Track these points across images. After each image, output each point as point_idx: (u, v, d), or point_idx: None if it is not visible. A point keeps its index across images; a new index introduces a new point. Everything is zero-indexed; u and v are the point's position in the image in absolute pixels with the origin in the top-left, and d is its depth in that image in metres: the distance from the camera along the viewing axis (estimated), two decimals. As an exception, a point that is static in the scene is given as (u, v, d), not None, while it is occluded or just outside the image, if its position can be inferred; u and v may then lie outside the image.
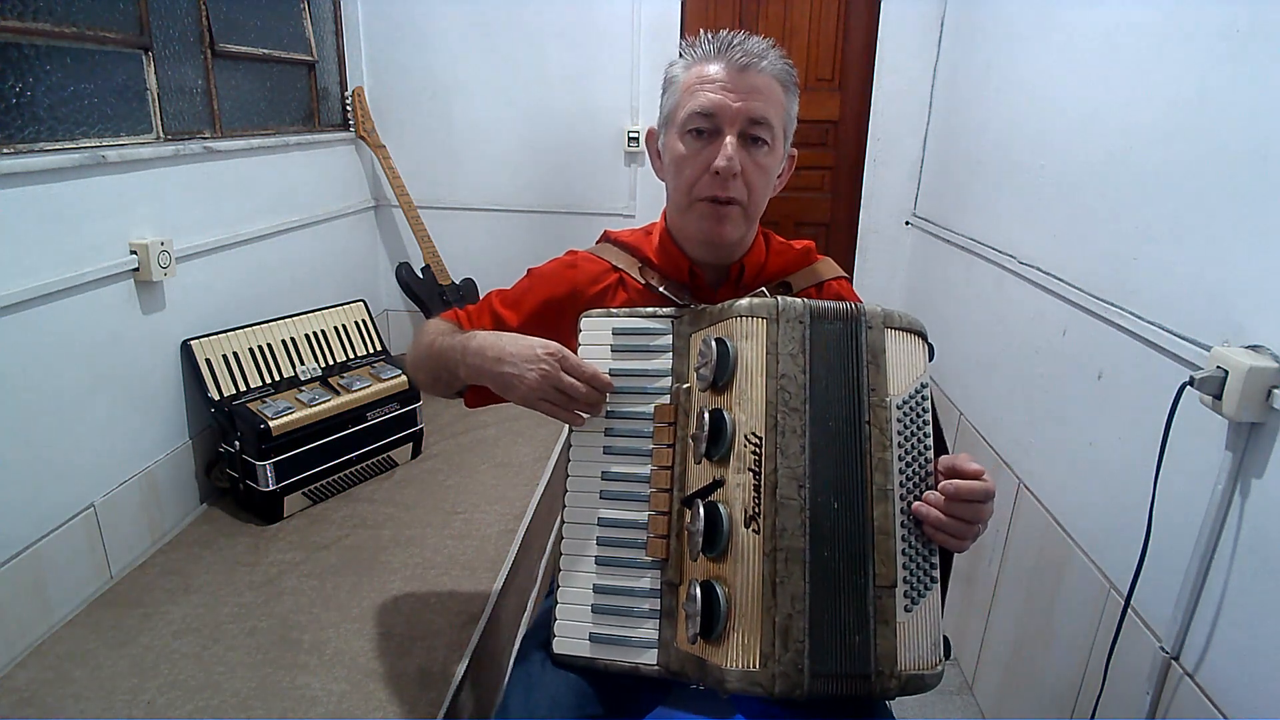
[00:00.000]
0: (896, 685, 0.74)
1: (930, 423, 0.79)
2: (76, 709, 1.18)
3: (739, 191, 0.90)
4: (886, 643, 0.73)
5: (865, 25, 2.47)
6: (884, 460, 0.76)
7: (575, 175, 2.64)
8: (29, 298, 1.31)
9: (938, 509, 0.76)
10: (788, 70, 0.92)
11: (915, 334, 0.81)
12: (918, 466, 0.78)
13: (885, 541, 0.75)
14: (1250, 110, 0.95)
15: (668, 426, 0.83)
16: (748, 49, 0.88)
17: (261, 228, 2.00)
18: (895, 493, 0.76)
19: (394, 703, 1.20)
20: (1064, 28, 1.47)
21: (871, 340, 0.78)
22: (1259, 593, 0.89)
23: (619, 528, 0.83)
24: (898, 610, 0.74)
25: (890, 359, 0.78)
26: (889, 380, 0.78)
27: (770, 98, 0.89)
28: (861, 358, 0.78)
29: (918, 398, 0.79)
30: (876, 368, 0.78)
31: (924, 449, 0.78)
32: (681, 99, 0.91)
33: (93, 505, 1.47)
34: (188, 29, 1.77)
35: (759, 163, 0.90)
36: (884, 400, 0.77)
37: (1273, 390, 0.86)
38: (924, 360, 0.81)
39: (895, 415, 0.77)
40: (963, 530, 0.76)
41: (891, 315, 0.80)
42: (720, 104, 0.88)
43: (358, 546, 1.63)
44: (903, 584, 0.75)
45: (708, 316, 0.82)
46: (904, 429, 0.77)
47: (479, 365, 0.88)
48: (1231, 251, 0.97)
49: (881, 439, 0.76)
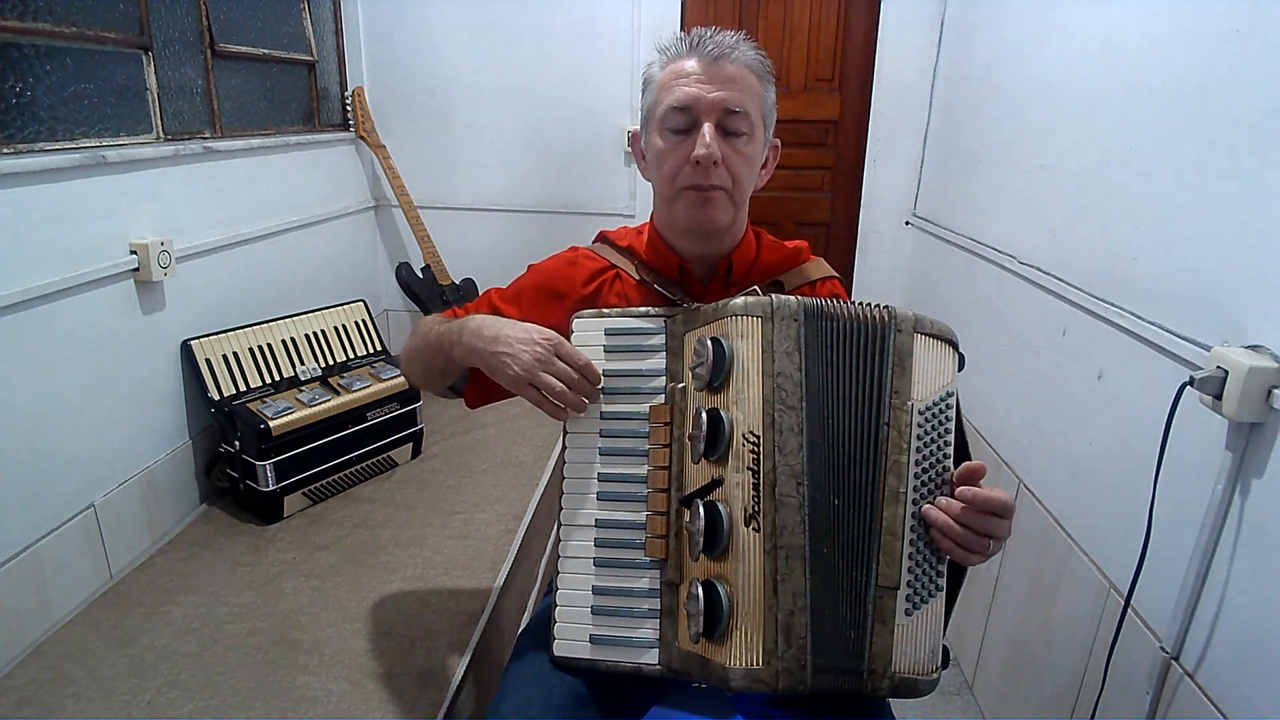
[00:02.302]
0: (888, 685, 0.74)
1: (952, 432, 0.79)
2: (76, 709, 1.18)
3: (722, 179, 0.90)
4: (882, 642, 0.74)
5: (865, 25, 2.47)
6: (899, 463, 0.76)
7: (575, 175, 2.64)
8: (29, 298, 1.31)
9: (949, 514, 0.75)
10: (760, 60, 0.93)
11: (946, 342, 0.80)
12: (934, 474, 0.77)
13: (892, 543, 0.75)
14: (1250, 110, 0.95)
15: (664, 426, 0.83)
16: (719, 41, 0.90)
17: (261, 228, 2.00)
18: (908, 496, 0.75)
19: (394, 703, 1.20)
20: (1064, 27, 1.47)
21: (900, 343, 0.78)
22: (1259, 593, 0.89)
23: (617, 529, 0.83)
24: (898, 612, 0.74)
25: (917, 363, 0.78)
26: (913, 384, 0.77)
27: (745, 86, 0.90)
28: (886, 359, 0.77)
29: (942, 405, 0.78)
30: (902, 370, 0.77)
31: (943, 457, 0.77)
32: (659, 96, 0.93)
33: (93, 505, 1.47)
34: (188, 29, 1.77)
35: (740, 151, 0.91)
36: (905, 404, 0.76)
37: (1273, 390, 0.86)
38: (953, 369, 0.80)
39: (916, 420, 0.76)
40: (971, 541, 0.75)
41: (923, 320, 0.79)
42: (695, 96, 0.89)
43: (358, 546, 1.62)
44: (906, 587, 0.75)
45: (702, 316, 0.82)
46: (924, 434, 0.77)
47: (474, 345, 0.89)
48: (1231, 251, 0.97)
49: (899, 441, 0.76)
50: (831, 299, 0.81)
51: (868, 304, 0.80)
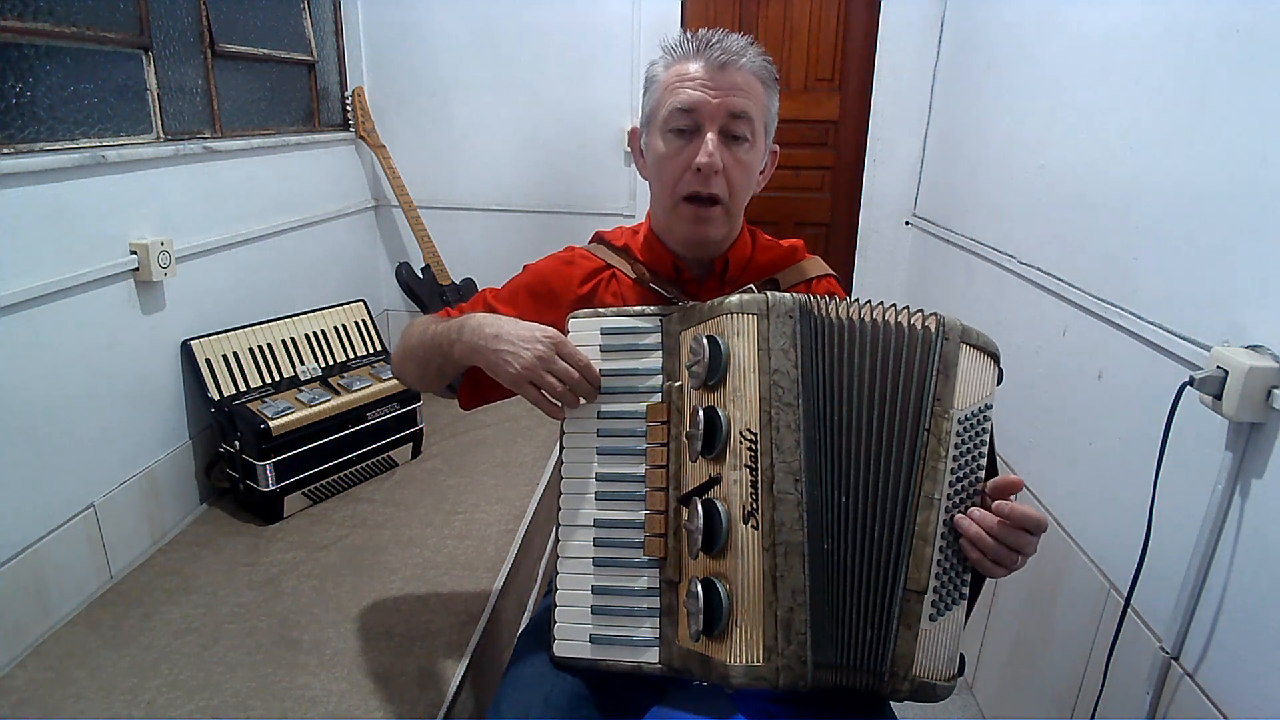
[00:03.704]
0: (908, 689, 0.74)
1: (987, 444, 0.79)
2: (76, 709, 1.18)
3: (720, 188, 0.90)
4: (906, 645, 0.74)
5: (865, 25, 2.47)
6: (936, 469, 0.76)
7: (575, 175, 2.64)
8: (29, 298, 1.31)
9: (983, 526, 0.75)
10: (767, 67, 0.92)
11: (989, 355, 0.81)
12: (968, 483, 0.78)
13: (923, 548, 0.75)
14: (1250, 110, 0.95)
15: (661, 425, 0.83)
16: (726, 46, 0.89)
17: (261, 228, 2.00)
18: (941, 503, 0.76)
19: (394, 703, 1.20)
20: (1064, 28, 1.47)
21: (946, 351, 0.78)
22: (1259, 593, 0.89)
23: (615, 528, 0.83)
24: (923, 617, 0.74)
25: (961, 373, 0.78)
26: (955, 394, 0.77)
27: (750, 94, 0.90)
28: (931, 366, 0.78)
29: (979, 417, 0.78)
30: (945, 379, 0.78)
31: (976, 467, 0.78)
32: (662, 97, 0.92)
33: (93, 505, 1.47)
34: (188, 29, 1.77)
35: (740, 159, 0.91)
36: (947, 411, 0.77)
37: (1273, 390, 0.86)
38: (993, 383, 0.81)
39: (955, 429, 0.77)
40: (1001, 554, 0.75)
41: (969, 331, 0.80)
42: (700, 100, 0.88)
43: (358, 546, 1.62)
44: (932, 593, 0.75)
45: (697, 314, 0.82)
46: (961, 444, 0.77)
47: (474, 342, 0.88)
48: (1231, 251, 0.97)
49: (938, 448, 0.76)
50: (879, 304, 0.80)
51: (918, 310, 0.80)
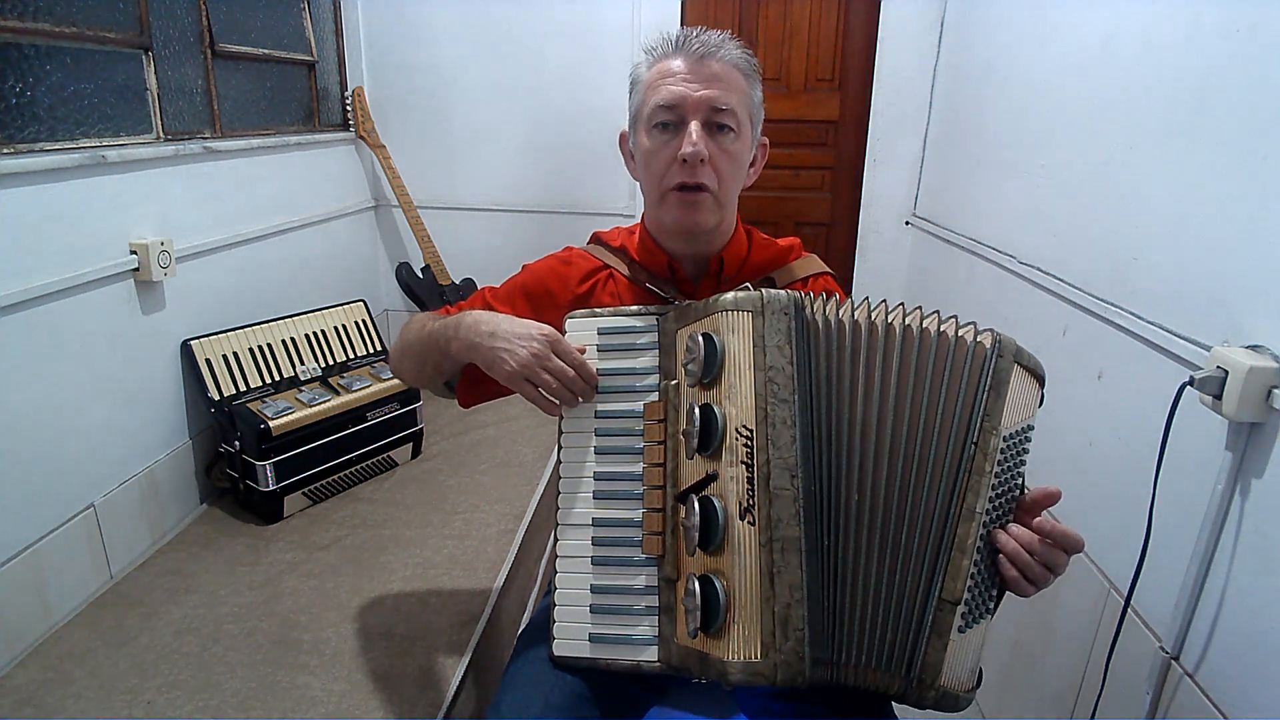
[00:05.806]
0: (933, 697, 0.74)
1: (1026, 463, 0.80)
2: (76, 709, 1.18)
3: (708, 178, 0.90)
4: (935, 654, 0.74)
5: (865, 25, 2.47)
6: (979, 484, 0.76)
7: (575, 175, 2.64)
8: (29, 298, 1.31)
9: (1021, 543, 0.75)
10: (747, 58, 0.93)
11: (1036, 377, 0.82)
12: (1005, 500, 0.78)
13: (960, 559, 0.75)
14: (1250, 110, 0.95)
15: (658, 424, 0.83)
16: (704, 40, 0.90)
17: (261, 228, 2.00)
18: (981, 518, 0.76)
19: (394, 703, 1.20)
20: (1064, 27, 1.47)
21: (999, 368, 0.79)
22: (1259, 593, 0.89)
23: (613, 527, 0.83)
24: (953, 628, 0.74)
25: (1011, 391, 0.79)
26: (1004, 411, 0.78)
27: (731, 84, 0.90)
28: (984, 381, 0.78)
29: (1021, 436, 0.79)
30: (996, 395, 0.78)
31: (1014, 485, 0.79)
32: (645, 96, 0.93)
33: (93, 505, 1.47)
34: (188, 29, 1.78)
35: (726, 149, 0.91)
36: (995, 427, 0.77)
37: (1273, 390, 0.86)
38: (1035, 404, 0.81)
39: (1000, 445, 0.77)
40: (1035, 572, 0.75)
41: (1022, 352, 0.81)
42: (681, 95, 0.89)
43: (358, 546, 1.63)
44: (964, 605, 0.75)
45: (693, 312, 0.82)
46: (1003, 460, 0.78)
47: (471, 339, 0.89)
48: (1231, 251, 0.96)
49: (984, 464, 0.76)
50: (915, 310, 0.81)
51: (970, 324, 0.80)
